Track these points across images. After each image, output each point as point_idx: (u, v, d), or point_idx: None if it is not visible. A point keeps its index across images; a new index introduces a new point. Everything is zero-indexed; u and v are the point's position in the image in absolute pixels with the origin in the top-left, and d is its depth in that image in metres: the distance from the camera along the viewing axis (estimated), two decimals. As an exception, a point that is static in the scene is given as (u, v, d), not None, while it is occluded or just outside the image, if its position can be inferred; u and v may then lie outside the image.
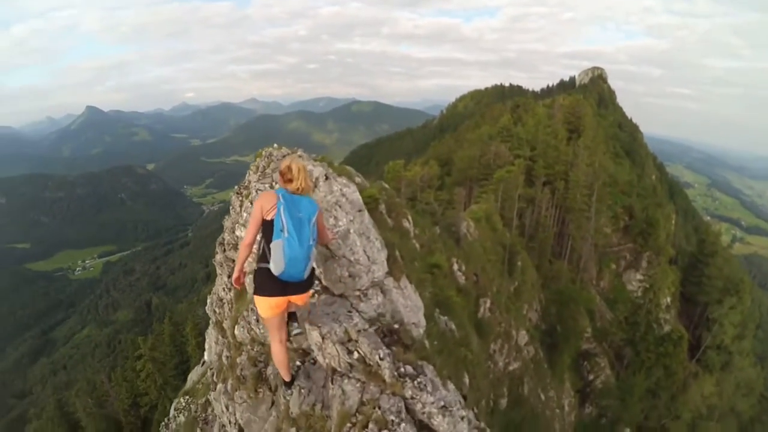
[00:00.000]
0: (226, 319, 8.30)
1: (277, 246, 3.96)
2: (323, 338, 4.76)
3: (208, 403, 8.42)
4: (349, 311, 5.15)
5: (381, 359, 4.43)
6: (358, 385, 4.44)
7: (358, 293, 5.55)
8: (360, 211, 5.76)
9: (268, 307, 4.34)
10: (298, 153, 7.65)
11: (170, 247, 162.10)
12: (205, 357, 11.43)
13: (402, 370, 4.47)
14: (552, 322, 35.14)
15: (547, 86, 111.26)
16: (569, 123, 53.16)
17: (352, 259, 5.42)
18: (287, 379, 4.94)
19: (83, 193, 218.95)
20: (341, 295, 5.54)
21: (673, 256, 51.64)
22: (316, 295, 5.46)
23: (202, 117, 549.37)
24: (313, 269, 4.43)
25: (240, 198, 7.42)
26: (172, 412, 10.99)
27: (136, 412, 30.47)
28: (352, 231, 5.46)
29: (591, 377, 36.34)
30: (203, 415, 9.08)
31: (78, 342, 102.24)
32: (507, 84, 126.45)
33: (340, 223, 5.45)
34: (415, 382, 4.32)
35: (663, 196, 69.58)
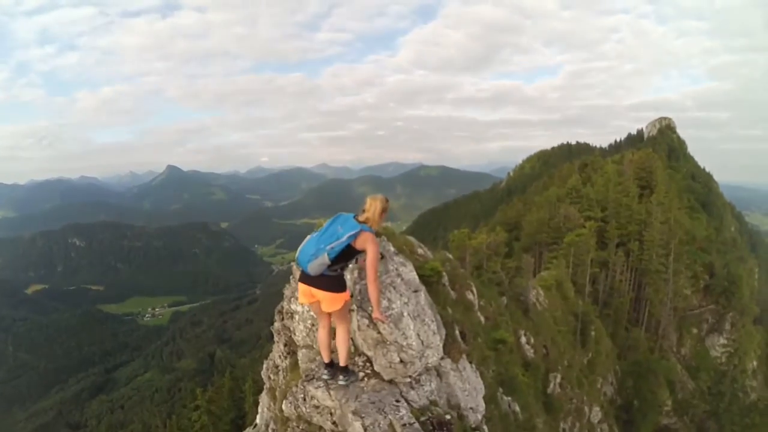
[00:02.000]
0: (279, 387, 8.07)
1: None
2: (365, 430, 4.45)
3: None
4: (397, 401, 4.82)
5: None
6: (397, 484, 4.05)
7: (409, 380, 5.21)
8: (416, 291, 5.47)
9: (300, 293, 5.03)
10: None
11: (238, 303, 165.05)
12: (257, 420, 11.20)
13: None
14: (629, 396, 32.26)
15: (615, 141, 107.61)
16: (640, 179, 50.70)
17: (404, 344, 5.08)
18: (326, 360, 5.31)
19: (159, 245, 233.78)
20: (391, 381, 5.21)
21: (758, 315, 46.66)
22: (365, 379, 5.20)
23: (275, 180, 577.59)
24: (334, 278, 4.81)
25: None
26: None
27: None
28: (405, 314, 5.15)
29: None
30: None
31: (139, 384, 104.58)
32: (573, 142, 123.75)
33: (394, 306, 5.17)
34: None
35: (744, 248, 63.95)
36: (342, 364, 5.15)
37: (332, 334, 5.23)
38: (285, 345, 7.53)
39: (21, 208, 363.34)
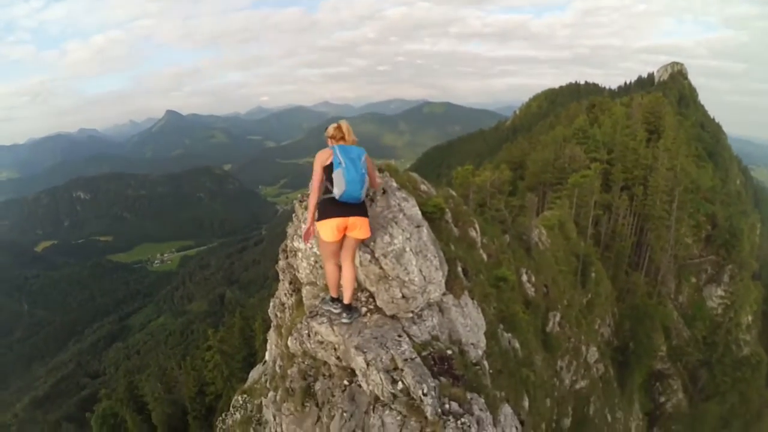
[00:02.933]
0: (285, 324, 8.28)
1: (338, 173, 4.89)
2: (368, 365, 4.53)
3: (263, 404, 8.47)
4: (399, 336, 4.87)
5: (424, 394, 4.17)
6: (398, 418, 4.24)
7: (411, 315, 5.23)
8: (418, 227, 5.41)
9: (331, 229, 4.97)
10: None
11: (245, 244, 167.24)
12: (267, 357, 11.58)
13: (447, 406, 4.21)
14: (625, 339, 33.11)
15: (625, 83, 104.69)
16: (648, 123, 49.57)
17: (406, 279, 5.07)
18: (334, 295, 5.44)
19: (164, 191, 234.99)
20: (393, 317, 5.25)
21: (757, 271, 47.08)
22: (368, 314, 5.26)
23: (276, 120, 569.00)
24: (363, 201, 5.15)
25: (303, 206, 7.36)
26: (230, 408, 11.22)
27: (202, 400, 31.66)
28: (408, 249, 5.12)
29: (662, 400, 34.35)
30: (258, 415, 9.17)
31: (152, 329, 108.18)
32: (582, 82, 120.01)
33: (396, 241, 5.12)
34: (459, 422, 4.05)
35: (748, 203, 63.65)
36: (346, 301, 5.28)
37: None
38: (290, 283, 7.64)
39: (23, 168, 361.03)
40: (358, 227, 5.02)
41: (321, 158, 5.15)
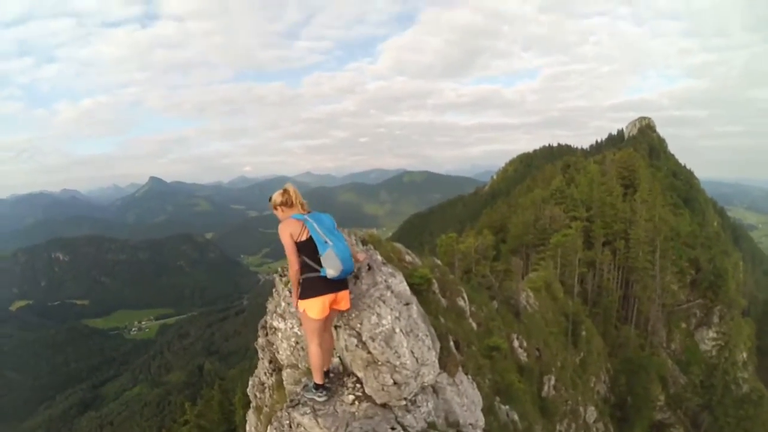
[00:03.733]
0: (266, 406, 7.66)
1: (329, 254, 4.53)
2: None
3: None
4: (393, 428, 4.40)
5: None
6: None
7: (404, 402, 4.78)
8: (407, 304, 5.04)
9: (321, 307, 4.65)
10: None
11: (226, 314, 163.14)
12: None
13: None
14: (622, 394, 32.27)
15: (596, 142, 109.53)
16: (623, 178, 51.30)
17: (397, 363, 4.63)
18: (319, 381, 5.02)
19: (144, 257, 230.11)
20: (384, 405, 4.78)
21: (746, 307, 47.21)
22: (356, 402, 4.79)
23: (259, 189, 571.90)
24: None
25: (283, 281, 6.99)
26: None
27: None
28: (397, 330, 4.71)
29: None
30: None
31: (127, 399, 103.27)
32: (555, 144, 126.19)
33: (384, 322, 4.71)
34: None
35: (728, 242, 64.93)
36: (325, 369, 5.04)
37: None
38: (270, 362, 7.14)
39: (3, 223, 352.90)
40: (343, 299, 4.80)
41: (290, 231, 4.75)
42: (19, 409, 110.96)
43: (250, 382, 8.92)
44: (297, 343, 5.91)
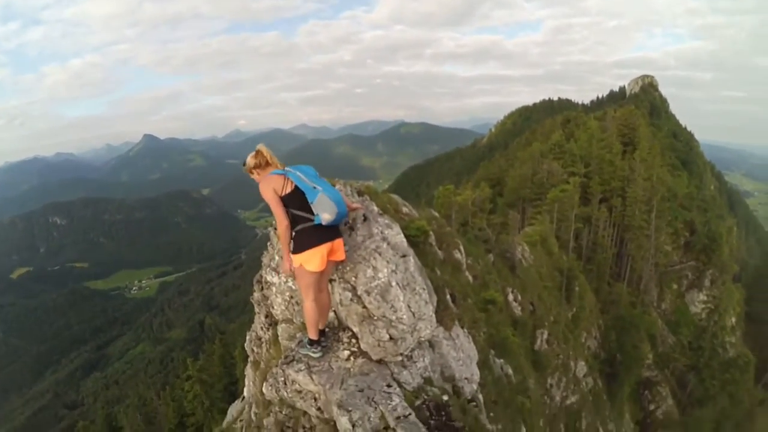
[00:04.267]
0: (262, 361, 7.67)
1: (321, 198, 4.36)
2: (353, 426, 3.90)
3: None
4: (389, 385, 4.29)
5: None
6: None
7: (400, 358, 4.67)
8: (404, 256, 4.84)
9: (320, 257, 4.48)
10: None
11: (224, 269, 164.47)
12: (245, 392, 10.90)
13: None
14: (612, 350, 32.95)
15: (597, 98, 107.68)
16: (623, 136, 50.59)
17: (393, 318, 4.47)
18: (314, 337, 4.91)
19: (141, 216, 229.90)
20: (380, 361, 4.68)
21: (737, 273, 47.89)
22: (351, 358, 4.73)
23: (254, 143, 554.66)
24: None
25: (277, 233, 6.82)
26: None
27: (182, 431, 30.78)
28: (394, 283, 4.52)
29: (652, 407, 34.18)
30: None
31: (131, 358, 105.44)
32: (556, 98, 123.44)
33: (380, 275, 4.51)
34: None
35: (723, 207, 65.18)
36: (322, 327, 4.94)
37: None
38: (266, 316, 7.07)
39: None
40: (339, 249, 4.64)
41: (272, 186, 4.63)
42: (26, 375, 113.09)
43: (248, 337, 8.91)
44: (291, 297, 5.78)
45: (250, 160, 4.94)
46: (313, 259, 4.49)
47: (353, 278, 4.57)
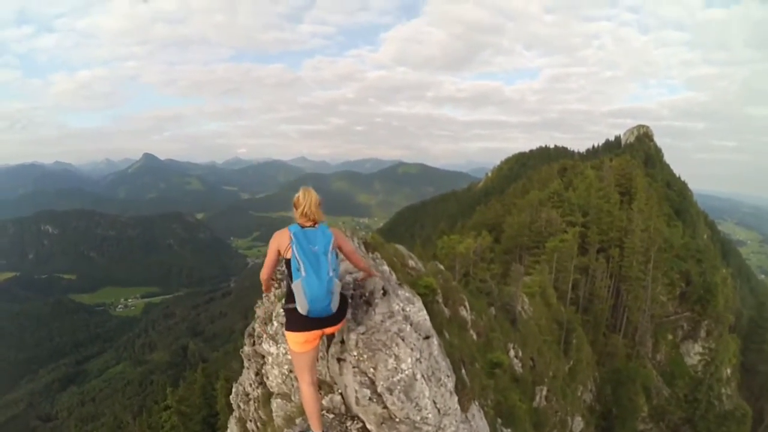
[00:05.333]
0: (249, 420, 7.07)
1: (297, 287, 3.86)
2: None
3: None
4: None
5: None
6: None
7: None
8: (427, 338, 4.26)
9: (301, 342, 4.11)
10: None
11: (212, 296, 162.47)
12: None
13: None
14: (607, 404, 32.33)
15: (593, 146, 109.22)
16: (620, 185, 50.92)
17: (418, 418, 3.83)
18: (318, 431, 4.20)
19: (134, 234, 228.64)
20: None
21: (732, 323, 47.40)
22: None
23: (253, 172, 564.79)
24: (344, 297, 4.23)
25: (276, 293, 6.29)
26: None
27: None
28: (419, 376, 3.92)
29: None
30: None
31: (110, 376, 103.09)
32: (552, 146, 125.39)
33: (403, 366, 3.87)
34: None
35: (717, 257, 65.01)
36: (318, 429, 4.21)
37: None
38: (256, 374, 6.48)
39: None
40: (332, 332, 4.22)
41: (279, 242, 4.12)
42: (2, 381, 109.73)
43: (234, 390, 8.30)
44: (291, 372, 5.21)
45: (297, 197, 4.33)
46: (294, 342, 4.09)
47: (371, 369, 3.93)
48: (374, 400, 3.86)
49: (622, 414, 31.49)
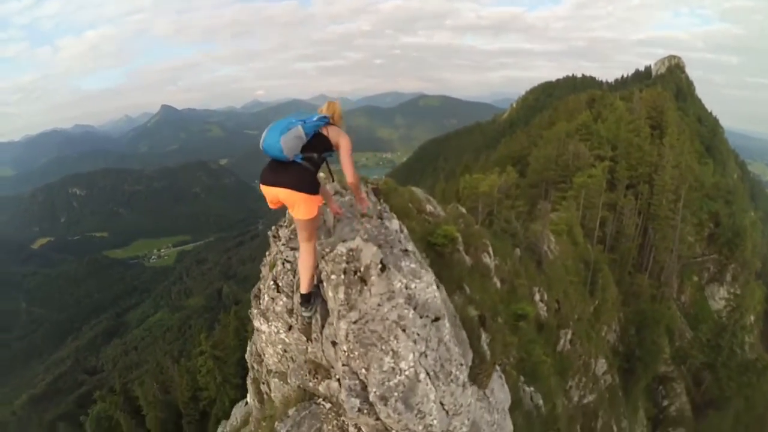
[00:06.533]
0: (263, 383, 6.84)
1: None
2: None
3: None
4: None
5: None
6: None
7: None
8: (436, 320, 3.61)
9: (267, 198, 4.34)
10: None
11: (242, 239, 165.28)
12: (248, 399, 10.19)
13: None
14: (630, 345, 31.99)
15: (622, 77, 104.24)
16: (650, 118, 48.12)
17: (420, 428, 3.14)
18: (305, 290, 4.47)
19: (160, 186, 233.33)
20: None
21: (758, 269, 46.05)
22: None
23: (273, 113, 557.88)
24: (296, 166, 4.23)
25: (278, 244, 5.77)
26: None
27: (196, 405, 31.41)
28: (422, 376, 3.22)
29: (665, 403, 33.00)
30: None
31: (150, 325, 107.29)
32: (579, 75, 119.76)
33: (403, 365, 3.18)
34: None
35: (745, 198, 62.57)
36: (303, 291, 4.45)
37: None
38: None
39: (19, 164, 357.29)
40: (291, 202, 4.20)
41: None
42: (47, 342, 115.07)
43: (248, 349, 8.13)
44: (285, 351, 4.79)
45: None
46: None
47: (363, 370, 3.30)
48: (365, 411, 3.22)
49: (644, 356, 31.11)
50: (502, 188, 25.54)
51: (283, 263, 5.20)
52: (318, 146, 4.22)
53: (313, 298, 4.51)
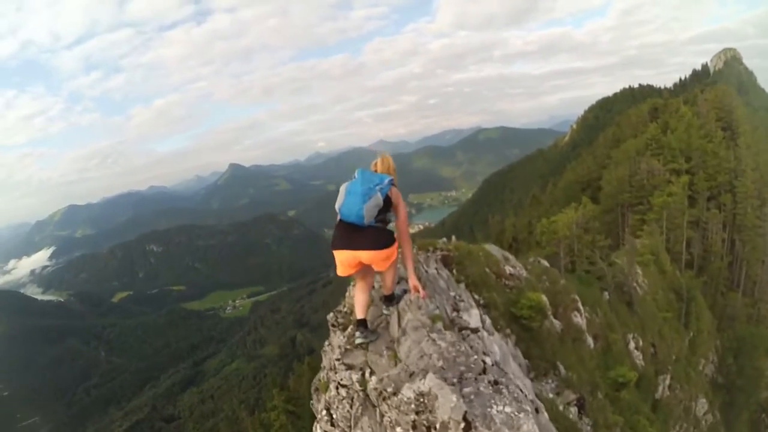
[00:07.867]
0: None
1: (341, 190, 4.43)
2: None
3: None
4: None
5: None
6: None
7: None
8: None
9: (340, 263, 4.41)
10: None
11: (313, 287, 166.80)
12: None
13: None
14: (730, 374, 29.22)
15: (680, 80, 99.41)
16: (719, 120, 44.84)
17: None
18: (360, 316, 4.68)
19: (232, 240, 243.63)
20: None
21: None
22: None
23: (335, 163, 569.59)
24: (372, 228, 4.33)
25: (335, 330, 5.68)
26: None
27: None
28: None
29: None
30: None
31: (226, 374, 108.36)
32: (636, 85, 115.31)
33: None
34: None
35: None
36: (387, 292, 4.83)
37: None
38: (332, 424, 6.11)
39: (98, 224, 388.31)
40: (371, 261, 4.29)
41: None
42: (126, 389, 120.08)
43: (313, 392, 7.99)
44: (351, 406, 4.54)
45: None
46: (337, 262, 4.39)
47: None
48: None
49: (745, 386, 28.40)
50: (580, 222, 24.32)
51: (337, 388, 4.61)
52: (387, 207, 4.40)
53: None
